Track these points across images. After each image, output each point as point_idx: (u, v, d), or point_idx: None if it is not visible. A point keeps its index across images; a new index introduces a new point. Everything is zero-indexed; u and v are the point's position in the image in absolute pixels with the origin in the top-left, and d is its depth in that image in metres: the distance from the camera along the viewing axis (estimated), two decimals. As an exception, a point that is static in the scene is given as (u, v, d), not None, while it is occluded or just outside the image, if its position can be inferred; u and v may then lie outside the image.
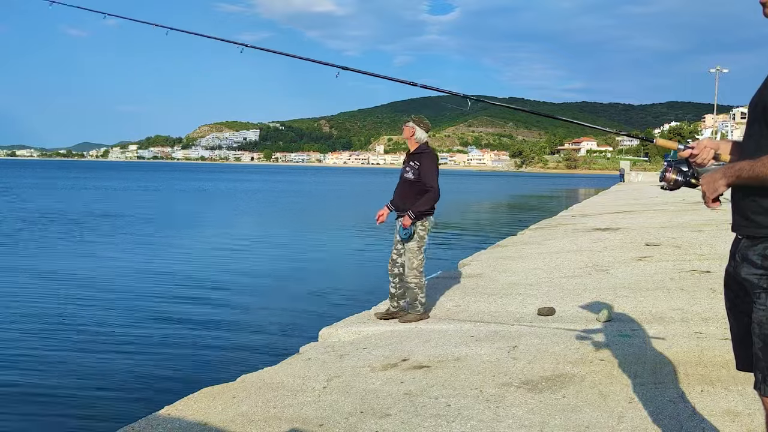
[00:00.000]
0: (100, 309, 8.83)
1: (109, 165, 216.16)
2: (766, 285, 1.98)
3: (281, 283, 11.14)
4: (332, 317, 6.69)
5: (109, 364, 6.47)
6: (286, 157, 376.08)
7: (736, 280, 2.12)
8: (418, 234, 5.86)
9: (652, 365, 4.27)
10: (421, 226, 5.86)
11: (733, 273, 2.13)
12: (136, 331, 7.68)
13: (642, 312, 5.81)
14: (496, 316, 5.97)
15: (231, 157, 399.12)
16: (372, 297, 8.17)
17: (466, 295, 6.93)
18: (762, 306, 1.99)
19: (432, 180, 5.77)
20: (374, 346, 5.16)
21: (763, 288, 1.99)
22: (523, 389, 3.96)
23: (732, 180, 2.04)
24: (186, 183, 65.05)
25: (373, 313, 6.42)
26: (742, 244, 2.07)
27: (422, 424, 3.49)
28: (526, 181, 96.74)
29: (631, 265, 8.58)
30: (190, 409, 3.89)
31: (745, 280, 2.04)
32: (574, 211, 21.49)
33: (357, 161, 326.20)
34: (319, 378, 4.38)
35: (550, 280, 7.68)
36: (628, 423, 3.37)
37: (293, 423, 3.58)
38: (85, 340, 7.33)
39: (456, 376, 4.28)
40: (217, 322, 8.25)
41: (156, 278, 11.26)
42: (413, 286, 5.89)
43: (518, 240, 12.91)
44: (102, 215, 24.11)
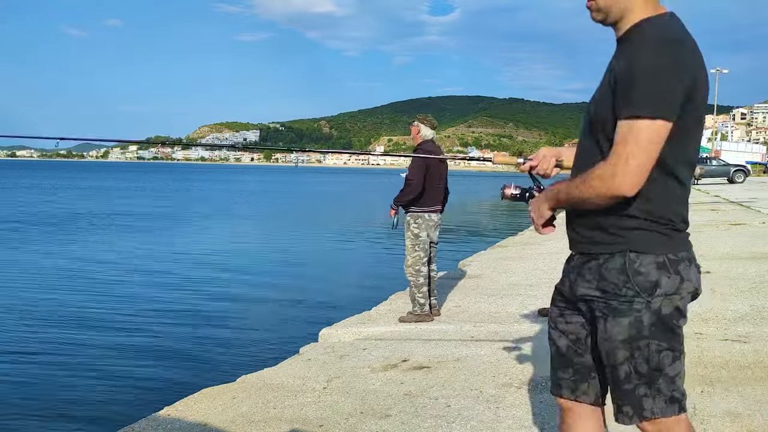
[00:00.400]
0: (99, 310, 8.83)
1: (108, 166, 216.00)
2: (604, 310, 1.83)
3: (281, 284, 11.14)
4: (332, 318, 6.69)
5: (109, 365, 6.47)
6: (285, 157, 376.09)
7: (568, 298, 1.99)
8: (411, 231, 5.86)
9: (653, 366, 4.26)
10: (414, 223, 5.86)
11: (567, 291, 1.98)
12: (136, 332, 7.68)
13: (642, 312, 5.80)
14: (496, 317, 5.96)
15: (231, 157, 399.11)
16: (372, 298, 8.16)
17: (466, 296, 6.93)
18: (604, 335, 1.83)
19: (413, 174, 5.79)
20: (374, 347, 5.15)
21: (602, 313, 1.84)
22: (523, 390, 3.95)
23: (553, 203, 1.94)
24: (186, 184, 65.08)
25: (373, 313, 6.42)
26: (576, 261, 1.95)
27: (422, 424, 3.49)
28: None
29: (632, 265, 8.57)
30: (190, 410, 3.89)
31: (585, 296, 1.88)
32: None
33: (357, 162, 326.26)
34: (319, 379, 4.38)
35: (551, 281, 7.64)
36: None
37: (293, 424, 3.58)
38: (85, 340, 7.33)
39: (456, 376, 4.27)
40: (217, 322, 8.25)
41: (156, 279, 11.26)
42: (410, 283, 5.90)
43: (519, 240, 12.90)
44: (101, 215, 24.12)
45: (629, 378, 1.82)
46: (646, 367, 1.80)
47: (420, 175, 5.81)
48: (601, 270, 1.83)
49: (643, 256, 1.78)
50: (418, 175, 5.81)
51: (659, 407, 1.81)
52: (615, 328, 1.81)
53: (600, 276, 1.84)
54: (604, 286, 1.83)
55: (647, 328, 1.79)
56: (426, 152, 5.89)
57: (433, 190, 5.92)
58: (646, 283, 1.78)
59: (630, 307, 1.79)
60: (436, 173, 5.94)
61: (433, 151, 5.97)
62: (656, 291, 1.78)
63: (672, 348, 1.82)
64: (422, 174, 5.82)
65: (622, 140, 1.68)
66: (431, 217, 5.92)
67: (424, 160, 5.84)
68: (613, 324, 1.81)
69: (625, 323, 1.80)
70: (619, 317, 1.80)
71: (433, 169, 5.90)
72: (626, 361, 1.81)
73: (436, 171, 5.93)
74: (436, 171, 5.94)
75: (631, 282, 1.78)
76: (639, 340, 1.80)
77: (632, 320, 1.79)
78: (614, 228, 1.81)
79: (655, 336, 1.80)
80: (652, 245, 1.79)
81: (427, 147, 5.96)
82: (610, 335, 1.82)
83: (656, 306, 1.79)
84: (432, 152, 5.95)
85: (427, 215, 5.89)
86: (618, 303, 1.80)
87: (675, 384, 1.83)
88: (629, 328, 1.80)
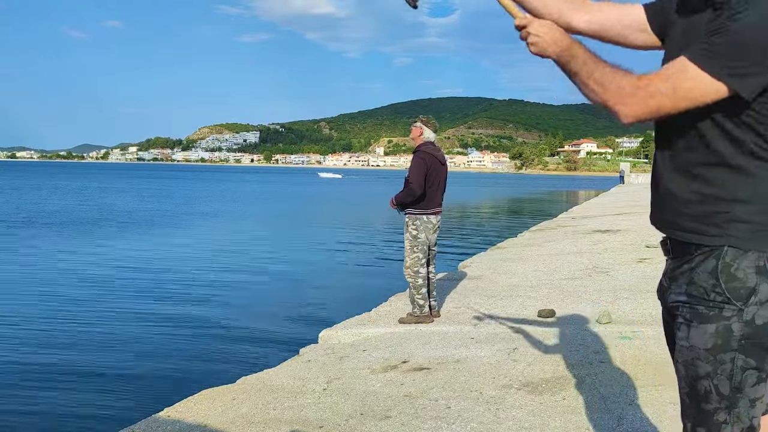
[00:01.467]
0: (99, 311, 8.82)
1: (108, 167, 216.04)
2: (688, 315, 1.62)
3: (281, 285, 11.14)
4: (332, 319, 6.69)
5: (109, 366, 6.47)
6: (285, 158, 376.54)
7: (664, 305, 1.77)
8: (410, 233, 5.87)
9: (653, 367, 4.26)
10: (413, 225, 5.87)
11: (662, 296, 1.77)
12: (136, 333, 7.68)
13: (642, 314, 5.81)
14: (496, 318, 5.96)
15: (231, 158, 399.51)
16: (372, 299, 8.16)
17: (466, 297, 6.93)
18: (686, 344, 1.62)
19: (414, 176, 5.80)
20: (374, 348, 5.15)
21: (685, 320, 1.63)
22: (523, 391, 3.95)
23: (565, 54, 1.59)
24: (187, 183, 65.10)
25: (373, 314, 6.42)
26: (670, 264, 1.71)
27: (422, 426, 3.49)
28: (526, 182, 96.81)
29: (632, 266, 8.59)
30: (189, 411, 3.89)
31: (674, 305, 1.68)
32: (574, 213, 21.50)
33: (357, 163, 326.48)
34: (319, 380, 4.38)
35: (550, 282, 7.68)
36: (628, 425, 3.37)
37: (293, 425, 3.58)
38: (84, 341, 7.33)
39: (456, 377, 4.28)
40: (217, 323, 8.24)
41: (155, 279, 11.26)
42: (409, 285, 5.91)
43: (518, 242, 12.91)
44: (100, 213, 24.13)
45: (708, 398, 1.59)
46: (728, 387, 1.57)
47: (420, 178, 5.81)
48: (693, 274, 1.61)
49: (742, 259, 1.55)
50: (417, 179, 5.80)
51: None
52: (699, 335, 1.59)
53: (690, 280, 1.62)
54: (693, 290, 1.61)
55: (737, 339, 1.55)
56: (426, 154, 5.90)
57: (433, 193, 5.92)
58: (743, 290, 1.54)
59: (719, 314, 1.56)
60: (437, 176, 5.94)
61: (433, 153, 5.96)
62: (751, 299, 1.54)
63: (759, 368, 1.57)
64: (422, 177, 5.81)
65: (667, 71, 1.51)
66: (430, 219, 5.91)
67: (424, 162, 5.85)
68: (698, 331, 1.59)
69: (712, 330, 1.57)
70: (703, 323, 1.58)
71: (433, 171, 5.90)
72: (707, 377, 1.58)
73: (436, 173, 5.93)
74: (437, 173, 5.94)
75: (721, 285, 1.56)
76: (725, 352, 1.56)
77: (719, 328, 1.56)
78: (712, 216, 1.57)
79: (744, 350, 1.56)
80: (756, 243, 1.54)
81: (427, 149, 5.96)
82: (694, 343, 1.60)
83: (750, 316, 1.54)
84: (432, 154, 5.94)
85: (425, 217, 5.89)
86: (705, 308, 1.58)
87: (755, 410, 1.59)
88: (714, 337, 1.57)
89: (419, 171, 5.81)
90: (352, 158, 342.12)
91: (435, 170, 5.90)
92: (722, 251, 1.56)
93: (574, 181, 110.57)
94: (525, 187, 73.50)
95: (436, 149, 6.05)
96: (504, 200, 45.44)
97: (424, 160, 5.86)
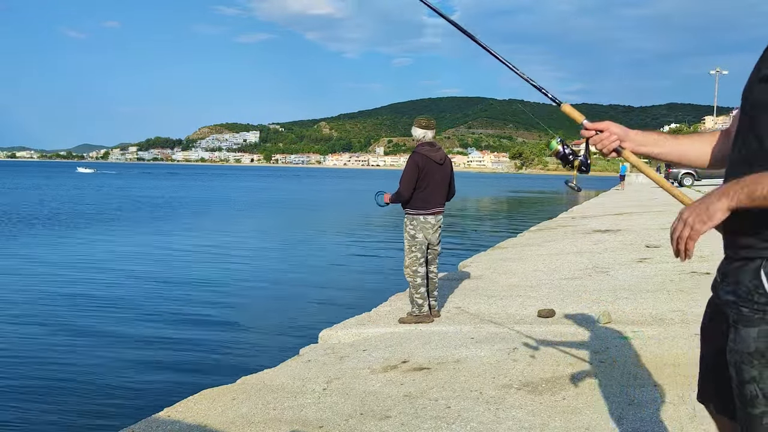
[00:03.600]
0: (99, 310, 8.82)
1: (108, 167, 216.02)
2: (736, 317, 1.61)
3: (281, 285, 11.14)
4: (332, 319, 6.69)
5: (109, 366, 6.47)
6: (285, 158, 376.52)
7: (715, 302, 1.77)
8: (408, 232, 5.87)
9: (653, 367, 4.26)
10: (410, 225, 5.86)
11: (714, 294, 1.78)
12: (136, 333, 7.68)
13: (642, 313, 5.81)
14: (496, 318, 5.96)
15: (231, 158, 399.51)
16: (372, 299, 8.16)
17: (466, 297, 6.93)
18: (733, 346, 1.62)
19: (403, 179, 5.82)
20: (374, 348, 5.15)
21: (734, 321, 1.62)
22: (523, 391, 3.95)
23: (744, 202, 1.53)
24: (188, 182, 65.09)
25: (373, 314, 6.42)
26: (723, 262, 1.73)
27: (422, 425, 3.49)
28: (526, 182, 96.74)
29: (631, 266, 8.58)
30: (189, 411, 3.89)
31: (724, 303, 1.68)
32: (574, 213, 21.49)
33: (357, 163, 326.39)
34: (319, 380, 4.38)
35: (550, 282, 7.67)
36: (628, 425, 3.37)
37: (293, 425, 3.58)
38: (85, 342, 7.33)
39: (456, 377, 4.27)
40: (217, 323, 8.24)
41: (155, 280, 11.26)
42: (409, 285, 5.90)
43: (518, 242, 12.90)
44: (101, 211, 24.12)
45: (755, 402, 1.57)
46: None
47: (408, 181, 5.78)
48: (739, 273, 1.61)
49: None
50: (405, 182, 5.79)
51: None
52: (742, 339, 1.58)
53: (737, 279, 1.62)
54: (738, 290, 1.61)
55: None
56: (420, 155, 5.86)
57: (429, 194, 5.84)
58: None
59: (763, 316, 1.55)
60: (435, 176, 5.86)
61: (427, 155, 5.88)
62: None
63: None
64: (412, 180, 5.78)
65: None
66: (427, 219, 5.87)
67: (416, 165, 5.82)
68: (741, 334, 1.59)
69: (753, 334, 1.56)
70: (747, 327, 1.58)
71: (429, 171, 5.82)
72: (752, 381, 1.57)
73: (433, 173, 5.85)
74: (435, 173, 5.85)
75: (764, 287, 1.54)
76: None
77: (762, 332, 1.55)
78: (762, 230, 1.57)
79: None
80: None
81: (422, 150, 5.90)
82: (738, 347, 1.59)
83: None
84: (426, 155, 5.87)
85: (422, 217, 5.85)
86: (749, 310, 1.57)
87: None
88: (758, 341, 1.55)
89: (409, 174, 5.80)
90: (352, 158, 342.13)
91: (430, 171, 5.82)
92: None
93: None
94: (525, 187, 73.44)
95: (433, 149, 5.93)
96: (504, 200, 45.42)
97: (416, 162, 5.83)
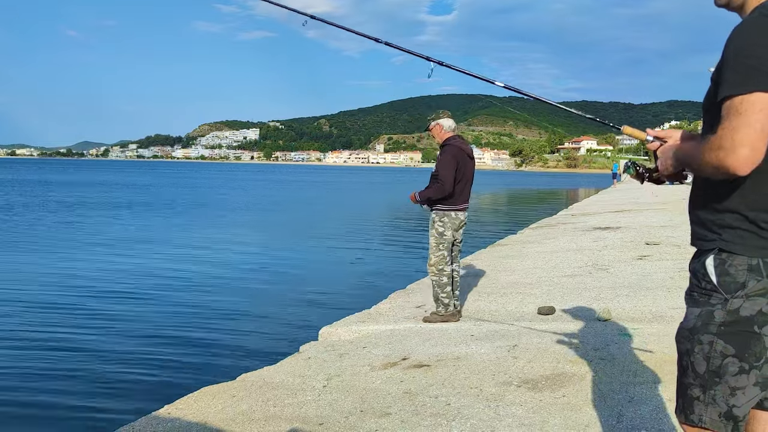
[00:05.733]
0: (99, 309, 8.82)
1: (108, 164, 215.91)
2: (687, 300, 1.80)
3: (282, 283, 11.13)
4: (332, 316, 6.69)
5: (110, 363, 6.47)
6: (286, 156, 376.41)
7: None
8: (436, 229, 5.70)
9: (653, 364, 4.27)
10: (440, 221, 5.68)
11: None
12: (136, 331, 7.68)
13: (642, 311, 5.81)
14: (496, 315, 5.96)
15: (231, 156, 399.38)
16: (372, 296, 8.17)
17: (466, 294, 6.93)
18: (680, 323, 1.81)
19: (444, 173, 5.53)
20: (374, 345, 5.16)
21: (686, 303, 1.81)
22: (523, 388, 3.96)
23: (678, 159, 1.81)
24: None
25: (373, 311, 6.42)
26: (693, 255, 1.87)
27: (422, 423, 3.49)
28: (526, 180, 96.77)
29: (631, 264, 8.59)
30: (190, 408, 3.89)
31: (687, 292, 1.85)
32: (574, 210, 21.49)
33: (357, 160, 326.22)
34: (319, 377, 4.38)
35: (550, 279, 7.68)
36: (628, 422, 3.37)
37: (293, 422, 3.58)
38: (85, 339, 7.33)
39: (456, 375, 4.28)
40: (217, 321, 8.24)
41: (155, 278, 11.26)
42: (433, 283, 5.77)
43: (518, 239, 12.91)
44: (100, 207, 24.11)
45: (686, 373, 1.76)
46: (705, 368, 1.70)
47: (450, 174, 5.53)
48: (695, 262, 1.79)
49: (734, 257, 1.68)
50: (448, 176, 5.53)
51: (710, 417, 1.70)
52: (687, 317, 1.77)
53: (693, 268, 1.79)
54: (693, 277, 1.79)
55: (716, 325, 1.69)
56: (455, 148, 5.64)
57: (461, 188, 5.67)
58: (732, 284, 1.68)
59: (707, 300, 1.72)
60: (466, 170, 5.69)
61: (461, 147, 5.68)
62: (739, 292, 1.67)
63: (740, 357, 1.67)
64: (453, 172, 5.54)
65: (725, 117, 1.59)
66: (458, 215, 5.73)
67: (454, 158, 5.59)
68: (687, 313, 1.78)
69: (696, 313, 1.74)
70: (693, 307, 1.76)
71: (462, 165, 5.63)
72: (686, 354, 1.75)
73: (465, 168, 5.68)
74: (465, 168, 5.68)
75: (709, 276, 1.71)
76: (703, 333, 1.71)
77: (703, 312, 1.72)
78: (710, 223, 1.74)
79: (723, 336, 1.68)
80: (745, 247, 1.67)
81: (456, 142, 5.69)
82: (682, 324, 1.78)
83: (735, 306, 1.67)
84: (460, 147, 5.66)
85: (454, 213, 5.69)
86: (698, 294, 1.75)
87: (735, 398, 1.67)
88: (696, 319, 1.73)
89: (449, 167, 5.54)
90: (352, 155, 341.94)
91: (464, 164, 5.65)
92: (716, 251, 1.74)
93: (574, 178, 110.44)
94: (525, 184, 73.45)
95: (463, 142, 5.79)
96: (504, 197, 45.42)
97: (454, 155, 5.59)
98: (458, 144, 5.71)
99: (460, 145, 5.72)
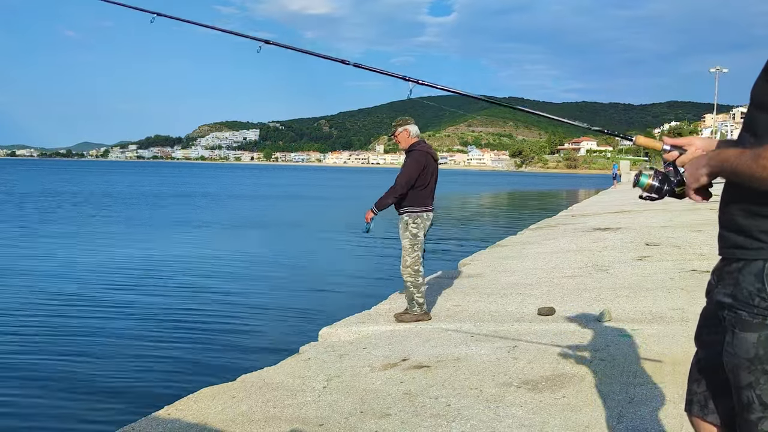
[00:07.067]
0: (99, 309, 8.82)
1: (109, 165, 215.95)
2: (734, 321, 1.59)
3: (281, 284, 11.13)
4: (332, 317, 6.69)
5: (109, 364, 6.47)
6: (285, 156, 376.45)
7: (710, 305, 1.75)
8: (410, 231, 5.84)
9: (653, 365, 4.27)
10: (413, 223, 5.83)
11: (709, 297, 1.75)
12: (136, 331, 7.67)
13: (642, 312, 5.81)
14: (496, 316, 5.96)
15: (231, 156, 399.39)
16: (372, 297, 8.16)
17: (466, 295, 6.93)
18: (731, 350, 1.60)
19: (404, 175, 5.78)
20: (374, 346, 5.15)
21: (731, 324, 1.60)
22: (523, 389, 3.95)
23: (714, 170, 1.60)
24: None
25: (373, 312, 6.42)
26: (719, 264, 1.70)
27: (422, 423, 3.49)
28: (526, 181, 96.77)
29: (631, 264, 8.58)
30: (189, 409, 3.89)
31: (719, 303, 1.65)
32: (573, 211, 21.49)
33: (357, 161, 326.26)
34: (319, 378, 4.38)
35: (550, 280, 7.67)
36: (628, 423, 3.37)
37: (293, 423, 3.58)
38: (85, 340, 7.32)
39: (456, 375, 4.28)
40: (217, 322, 8.24)
41: (155, 278, 11.26)
42: (408, 284, 5.86)
43: (518, 240, 12.91)
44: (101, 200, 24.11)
45: (751, 407, 1.57)
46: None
47: (410, 178, 5.76)
48: (738, 275, 1.58)
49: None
50: (406, 179, 5.76)
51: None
52: (741, 343, 1.57)
53: (736, 281, 1.59)
54: (737, 293, 1.58)
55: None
56: (421, 153, 5.88)
57: (429, 190, 5.90)
58: None
59: (762, 322, 1.53)
60: (434, 172, 5.93)
61: (427, 151, 5.93)
62: None
63: None
64: (414, 177, 5.78)
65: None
66: (429, 216, 5.91)
67: (417, 162, 5.81)
68: (739, 339, 1.57)
69: (753, 340, 1.55)
70: (747, 332, 1.56)
71: (428, 169, 5.87)
72: (749, 387, 1.56)
73: (432, 170, 5.92)
74: (432, 171, 5.92)
75: (766, 291, 1.52)
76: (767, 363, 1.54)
77: (762, 337, 1.54)
78: (756, 230, 1.55)
79: None
80: None
81: (422, 147, 5.93)
82: (737, 352, 1.58)
83: None
84: (427, 151, 5.92)
85: (425, 215, 5.88)
86: (748, 314, 1.56)
87: None
88: (757, 347, 1.54)
89: (413, 171, 5.78)
90: (352, 156, 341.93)
91: (430, 167, 5.88)
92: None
93: (574, 178, 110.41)
94: (525, 185, 73.45)
95: (428, 146, 6.05)
96: (504, 198, 45.42)
97: (420, 160, 5.83)
98: (425, 148, 5.95)
99: (427, 150, 5.96)
